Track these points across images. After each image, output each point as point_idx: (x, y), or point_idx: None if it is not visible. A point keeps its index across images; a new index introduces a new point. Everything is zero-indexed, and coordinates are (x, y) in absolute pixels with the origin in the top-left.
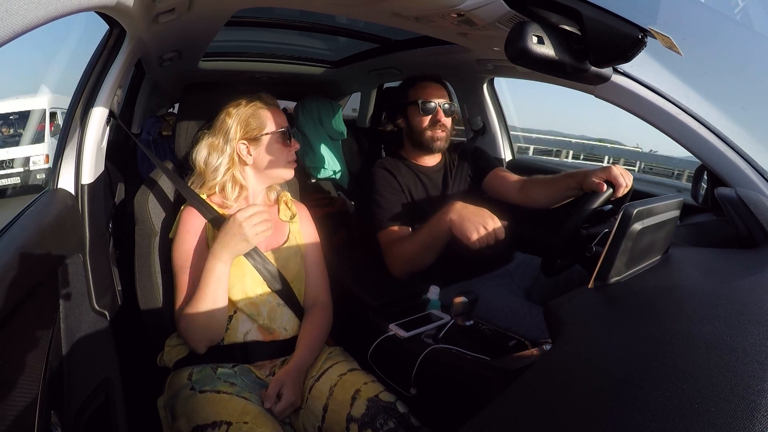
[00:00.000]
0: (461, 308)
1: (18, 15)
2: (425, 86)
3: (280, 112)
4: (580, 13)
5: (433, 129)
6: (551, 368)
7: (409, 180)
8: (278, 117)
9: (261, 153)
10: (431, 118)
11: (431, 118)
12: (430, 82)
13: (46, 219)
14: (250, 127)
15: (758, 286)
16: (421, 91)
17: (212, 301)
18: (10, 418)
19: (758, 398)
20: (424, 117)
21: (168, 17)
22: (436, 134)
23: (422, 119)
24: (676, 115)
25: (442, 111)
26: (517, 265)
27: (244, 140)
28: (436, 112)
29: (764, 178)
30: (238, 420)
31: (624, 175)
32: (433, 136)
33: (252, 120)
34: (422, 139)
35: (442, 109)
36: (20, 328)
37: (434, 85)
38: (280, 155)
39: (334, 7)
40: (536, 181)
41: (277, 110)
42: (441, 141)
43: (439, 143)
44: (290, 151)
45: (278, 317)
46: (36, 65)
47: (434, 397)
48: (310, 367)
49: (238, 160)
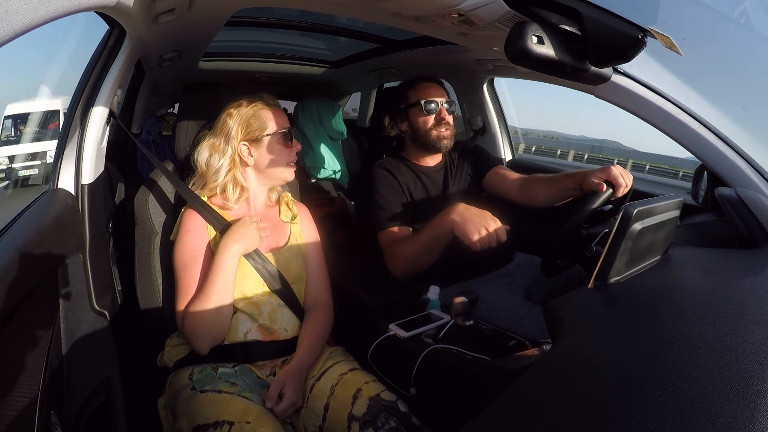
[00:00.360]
0: (461, 308)
1: (18, 15)
2: (425, 87)
3: (281, 112)
4: (580, 13)
5: (438, 128)
6: (551, 368)
7: (409, 180)
8: (279, 117)
9: (262, 154)
10: (435, 117)
11: (435, 117)
12: (429, 83)
13: (46, 219)
14: (251, 128)
15: (758, 286)
16: (422, 92)
17: (220, 297)
18: (10, 418)
19: (758, 398)
20: (428, 117)
21: (168, 17)
22: (442, 133)
23: (426, 119)
24: (676, 115)
25: (445, 110)
26: (517, 265)
27: (245, 141)
28: (439, 111)
29: (764, 178)
30: (240, 420)
31: (624, 175)
32: (439, 135)
33: (253, 121)
34: (428, 140)
35: (445, 108)
36: (20, 328)
37: (434, 85)
38: (281, 156)
39: (334, 7)
40: (536, 179)
41: (278, 111)
42: (447, 139)
43: (445, 141)
44: (291, 152)
45: (279, 318)
46: (36, 65)
47: (434, 397)
48: (311, 367)
49: (239, 161)
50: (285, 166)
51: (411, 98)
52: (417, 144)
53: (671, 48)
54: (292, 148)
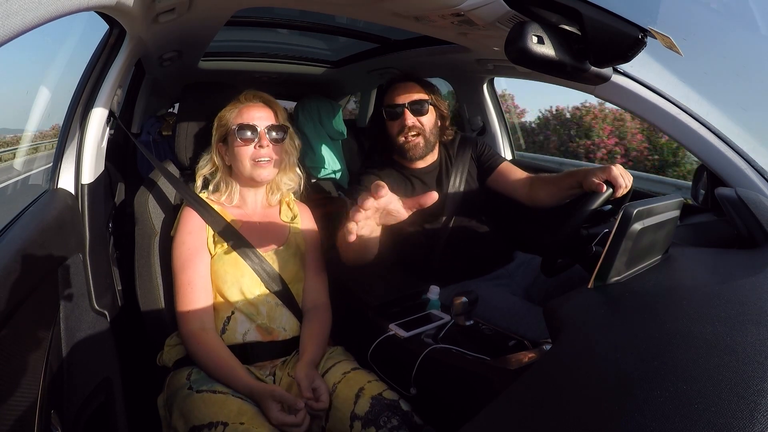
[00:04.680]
0: (461, 308)
1: (18, 15)
2: (394, 88)
3: (257, 107)
4: (580, 13)
5: (403, 134)
6: (551, 368)
7: (399, 185)
8: (247, 113)
9: (230, 153)
10: (398, 123)
11: (398, 123)
12: (398, 83)
13: (47, 219)
14: (221, 127)
15: (758, 286)
16: (389, 95)
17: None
18: (10, 418)
19: (758, 398)
20: (392, 123)
21: (168, 17)
22: (410, 140)
23: (391, 125)
24: (676, 115)
25: (410, 111)
26: (517, 265)
27: (220, 141)
28: (402, 116)
29: (764, 178)
30: (234, 420)
31: (624, 175)
32: (407, 142)
33: (222, 119)
34: (395, 147)
35: (410, 108)
36: (20, 328)
37: (402, 85)
38: (241, 154)
39: (334, 7)
40: (540, 180)
41: (252, 107)
42: (417, 148)
43: (413, 152)
44: (256, 150)
45: (277, 317)
46: (36, 65)
47: (434, 397)
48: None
49: (221, 161)
50: (248, 165)
51: (384, 101)
52: (394, 150)
53: (671, 48)
54: (253, 145)
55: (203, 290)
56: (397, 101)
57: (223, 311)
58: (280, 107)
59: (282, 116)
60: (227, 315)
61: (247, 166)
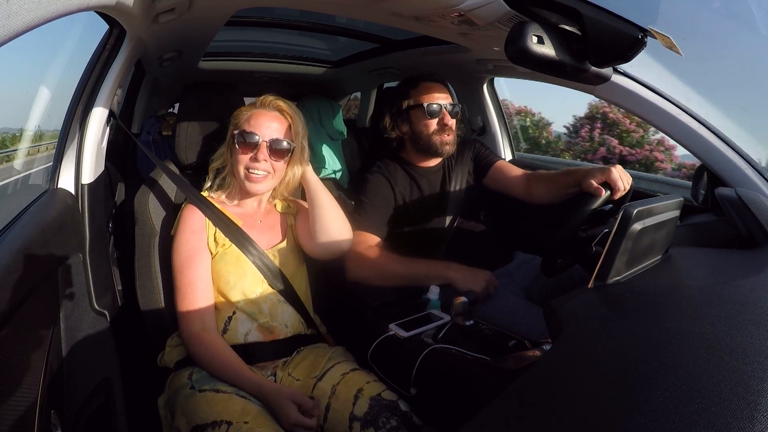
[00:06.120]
0: (461, 308)
1: (18, 15)
2: (428, 87)
3: (268, 116)
4: (580, 13)
5: (441, 134)
6: (551, 368)
7: (405, 186)
8: (255, 120)
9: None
10: (438, 121)
11: (438, 122)
12: (433, 83)
13: (47, 219)
14: (232, 126)
15: (758, 286)
16: (425, 93)
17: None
18: (10, 418)
19: (758, 398)
20: (430, 121)
21: (168, 17)
22: (445, 138)
23: (428, 123)
24: (676, 115)
25: (448, 113)
26: (517, 265)
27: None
28: (442, 115)
29: (764, 178)
30: (238, 420)
31: (623, 177)
32: (442, 140)
33: (235, 117)
34: (430, 145)
35: (448, 111)
36: (20, 328)
37: (437, 86)
38: (237, 161)
39: (334, 7)
40: (539, 176)
41: (263, 114)
42: (449, 145)
43: (447, 147)
44: (250, 161)
45: (279, 314)
46: (36, 65)
47: (434, 397)
48: (312, 368)
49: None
50: (243, 173)
51: (413, 99)
52: (417, 147)
53: (671, 48)
54: (250, 155)
55: (204, 291)
56: (437, 100)
57: (225, 311)
58: (297, 119)
59: (296, 129)
60: (228, 315)
61: (241, 174)
